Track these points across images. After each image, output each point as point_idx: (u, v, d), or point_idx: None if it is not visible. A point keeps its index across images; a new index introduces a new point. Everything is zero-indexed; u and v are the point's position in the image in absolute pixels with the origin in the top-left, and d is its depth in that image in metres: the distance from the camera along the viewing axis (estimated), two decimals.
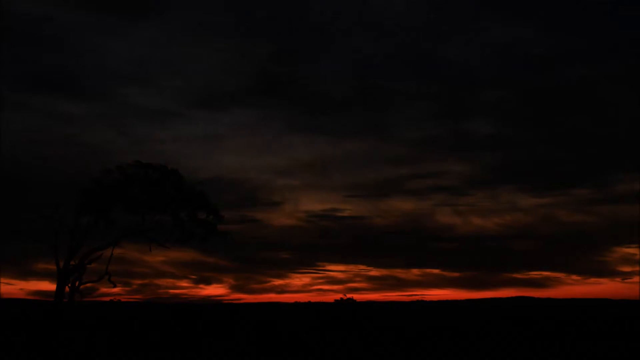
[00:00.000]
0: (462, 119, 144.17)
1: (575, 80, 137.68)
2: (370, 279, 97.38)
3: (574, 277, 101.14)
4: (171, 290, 59.66)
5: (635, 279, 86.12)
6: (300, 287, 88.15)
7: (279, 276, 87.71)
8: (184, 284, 59.99)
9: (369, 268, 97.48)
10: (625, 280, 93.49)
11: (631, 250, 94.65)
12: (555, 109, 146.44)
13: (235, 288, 74.61)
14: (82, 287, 25.91)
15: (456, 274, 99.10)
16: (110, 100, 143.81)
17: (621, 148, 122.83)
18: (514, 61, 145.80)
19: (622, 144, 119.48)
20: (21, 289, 35.69)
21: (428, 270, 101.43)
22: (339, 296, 42.68)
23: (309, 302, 74.24)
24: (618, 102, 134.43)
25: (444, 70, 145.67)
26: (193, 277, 60.50)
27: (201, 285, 62.90)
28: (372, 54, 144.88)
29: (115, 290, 27.67)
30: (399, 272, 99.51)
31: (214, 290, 77.31)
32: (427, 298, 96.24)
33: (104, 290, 27.75)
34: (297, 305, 74.53)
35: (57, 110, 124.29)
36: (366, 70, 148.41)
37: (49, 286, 34.89)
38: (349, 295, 41.79)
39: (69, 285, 25.59)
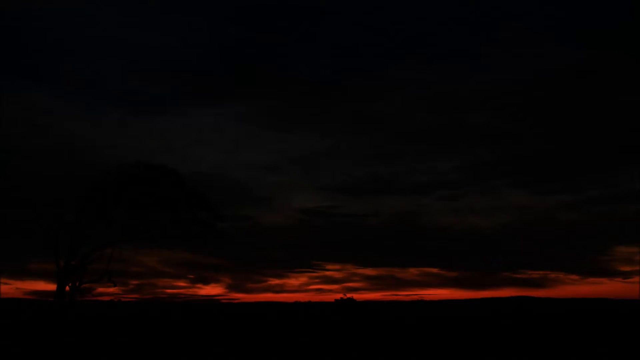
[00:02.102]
0: (459, 111, 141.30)
1: (577, 69, 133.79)
2: (368, 278, 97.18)
3: (574, 277, 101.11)
4: (168, 290, 59.74)
5: (635, 279, 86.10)
6: (297, 286, 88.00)
7: (276, 275, 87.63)
8: (181, 283, 60.01)
9: (366, 267, 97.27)
10: (626, 280, 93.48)
11: (631, 250, 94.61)
12: (555, 101, 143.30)
13: (233, 287, 74.69)
14: (82, 286, 26.10)
15: (454, 274, 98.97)
16: (84, 88, 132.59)
17: (623, 145, 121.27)
18: (512, 47, 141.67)
19: (624, 141, 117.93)
20: (17, 289, 35.71)
21: (426, 269, 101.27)
22: (337, 295, 42.72)
23: (309, 302, 74.33)
24: (622, 94, 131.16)
25: (439, 60, 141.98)
26: (190, 276, 60.53)
27: (198, 285, 62.92)
28: (364, 43, 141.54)
29: (113, 289, 27.86)
30: (397, 272, 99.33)
31: (212, 289, 77.29)
32: (426, 298, 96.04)
33: (100, 289, 27.90)
34: (297, 304, 74.69)
35: (25, 99, 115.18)
36: (358, 61, 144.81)
37: (45, 286, 35.03)
38: (348, 295, 41.78)
39: (69, 284, 25.75)
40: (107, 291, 28.19)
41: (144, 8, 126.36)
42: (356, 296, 42.96)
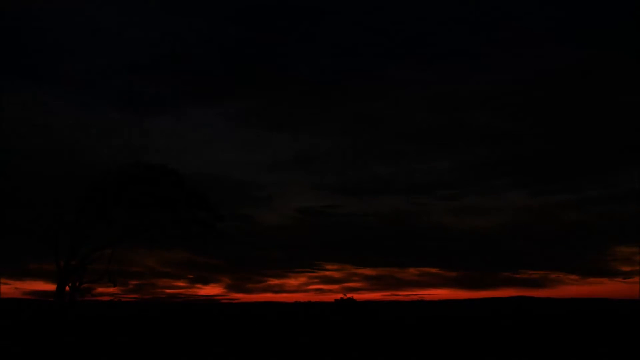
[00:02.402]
0: (459, 111, 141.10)
1: (577, 69, 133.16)
2: (368, 278, 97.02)
3: (574, 277, 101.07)
4: (168, 290, 59.84)
5: (635, 279, 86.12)
6: (297, 286, 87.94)
7: (275, 275, 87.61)
8: (180, 283, 60.10)
9: (365, 267, 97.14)
10: (626, 280, 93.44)
11: (631, 250, 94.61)
12: (555, 101, 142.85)
13: (232, 288, 74.69)
14: (82, 286, 26.13)
15: (454, 274, 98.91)
16: (84, 88, 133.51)
17: (623, 145, 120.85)
18: (512, 47, 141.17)
19: (624, 141, 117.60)
20: (17, 289, 35.79)
21: (426, 269, 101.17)
22: (337, 295, 42.71)
23: (309, 302, 74.32)
24: (622, 94, 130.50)
25: (439, 60, 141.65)
26: (190, 276, 60.63)
27: (198, 285, 63.01)
28: (364, 43, 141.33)
29: (113, 289, 27.89)
30: (397, 272, 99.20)
31: (211, 289, 77.34)
32: (426, 298, 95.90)
33: (100, 289, 27.92)
34: (297, 305, 74.65)
35: (25, 99, 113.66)
36: (358, 61, 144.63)
37: (45, 286, 35.04)
38: (348, 295, 41.78)
39: (69, 284, 25.76)
40: (107, 291, 28.22)
41: (144, 8, 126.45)
42: (356, 296, 42.99)
